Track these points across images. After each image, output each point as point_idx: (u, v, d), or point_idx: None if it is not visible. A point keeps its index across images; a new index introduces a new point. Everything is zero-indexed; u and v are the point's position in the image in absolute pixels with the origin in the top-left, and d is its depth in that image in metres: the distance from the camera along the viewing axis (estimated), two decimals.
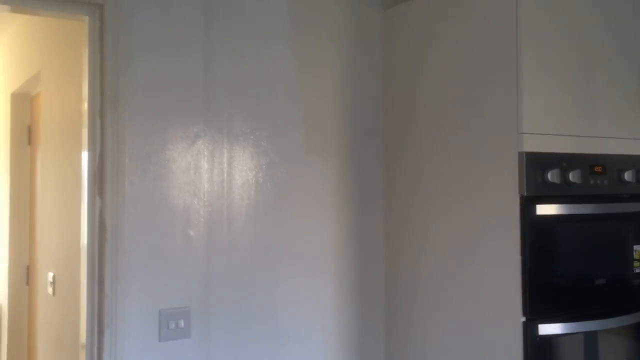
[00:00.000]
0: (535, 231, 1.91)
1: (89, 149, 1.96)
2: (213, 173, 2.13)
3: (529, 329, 1.87)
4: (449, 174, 2.14)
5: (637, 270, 2.15)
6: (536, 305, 1.89)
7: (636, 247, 2.15)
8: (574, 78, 2.03)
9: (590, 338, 2.05)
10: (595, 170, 2.05)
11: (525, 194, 1.90)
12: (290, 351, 2.24)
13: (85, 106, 2.00)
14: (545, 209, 1.93)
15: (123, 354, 1.90)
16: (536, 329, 1.88)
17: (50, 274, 2.66)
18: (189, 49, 2.09)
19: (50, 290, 2.64)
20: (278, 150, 2.25)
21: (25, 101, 3.61)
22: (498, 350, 1.95)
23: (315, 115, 2.33)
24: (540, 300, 1.91)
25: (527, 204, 1.91)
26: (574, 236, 2.02)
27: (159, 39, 2.03)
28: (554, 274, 1.97)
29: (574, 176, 1.97)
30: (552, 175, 1.93)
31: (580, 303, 2.02)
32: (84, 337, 1.92)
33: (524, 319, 1.88)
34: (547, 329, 1.89)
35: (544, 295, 1.92)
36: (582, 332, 2.01)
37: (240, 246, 2.16)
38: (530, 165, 1.90)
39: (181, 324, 1.99)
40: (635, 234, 2.15)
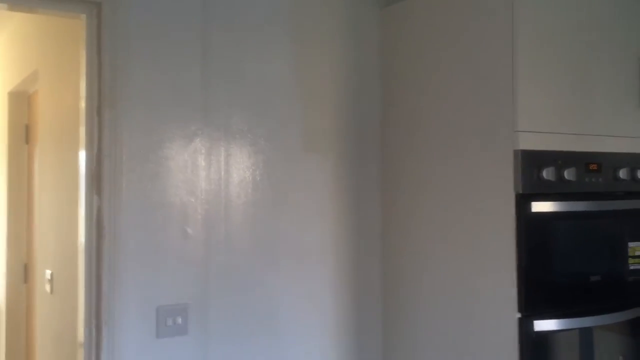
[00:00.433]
0: (530, 228, 1.92)
1: (86, 148, 1.97)
2: (210, 171, 2.14)
3: (525, 325, 1.89)
4: (446, 172, 2.16)
5: (632, 267, 2.16)
6: (532, 301, 1.90)
7: (631, 245, 2.16)
8: (570, 76, 2.04)
9: (585, 335, 2.07)
10: (590, 168, 2.06)
11: (520, 191, 1.91)
12: (288, 347, 2.25)
13: (82, 104, 2.01)
14: (540, 207, 1.94)
15: (121, 350, 1.91)
16: (532, 325, 1.89)
17: (48, 272, 2.67)
18: (187, 47, 2.10)
19: (48, 288, 2.65)
20: (275, 148, 2.26)
21: (23, 100, 3.61)
22: (494, 346, 1.96)
23: (312, 113, 2.34)
24: (535, 297, 1.92)
25: (523, 201, 1.92)
26: (569, 233, 2.04)
27: (157, 37, 2.04)
28: (550, 271, 1.98)
29: (569, 174, 1.98)
30: (548, 173, 1.95)
31: (575, 299, 2.03)
32: (82, 334, 1.93)
33: (519, 315, 1.89)
34: (543, 325, 1.91)
35: (539, 292, 1.94)
36: (578, 329, 2.03)
37: (238, 243, 2.17)
38: (526, 163, 1.92)
39: (179, 320, 2.00)
40: (630, 231, 2.17)
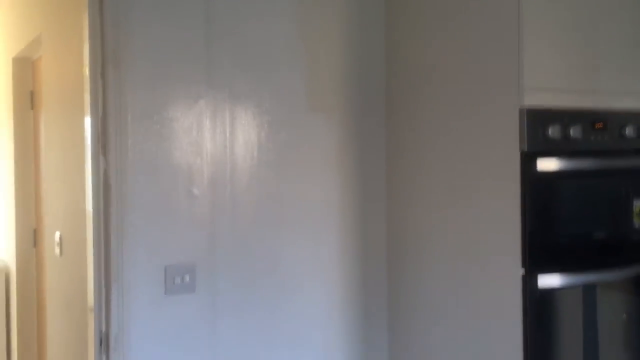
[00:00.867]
0: (535, 186, 1.92)
1: (91, 110, 1.98)
2: (215, 132, 2.14)
3: (528, 281, 1.90)
4: (450, 130, 2.15)
5: (637, 226, 2.17)
6: (536, 258, 1.91)
7: (637, 202, 2.16)
8: (577, 32, 2.02)
9: (589, 291, 2.09)
10: (596, 126, 2.05)
11: (525, 149, 1.91)
12: (294, 306, 2.28)
13: (86, 68, 2.01)
14: (545, 165, 1.94)
15: (131, 306, 1.95)
16: (535, 282, 1.91)
17: (57, 235, 2.70)
18: (191, 8, 2.08)
19: (58, 250, 2.69)
20: (280, 109, 2.26)
21: (27, 65, 3.61)
22: (498, 303, 1.99)
23: (316, 72, 2.33)
24: (539, 254, 1.93)
25: (528, 159, 1.92)
26: (574, 191, 2.04)
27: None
28: (554, 228, 1.99)
29: (575, 132, 1.97)
30: (553, 131, 1.94)
31: (580, 256, 2.05)
32: (91, 294, 1.97)
33: (522, 271, 1.91)
34: (546, 281, 1.92)
35: (543, 249, 1.95)
36: (582, 285, 2.05)
37: (244, 204, 2.19)
38: (531, 120, 1.91)
39: (186, 279, 2.04)
40: (635, 189, 2.17)
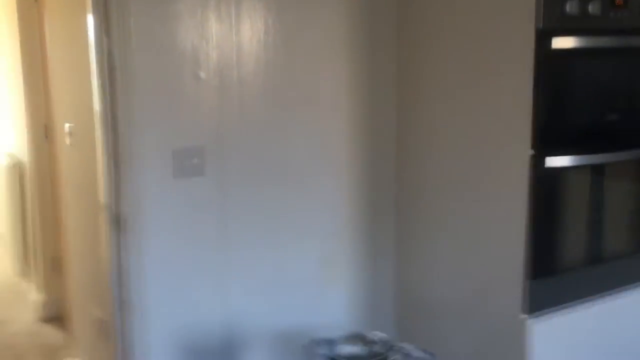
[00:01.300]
0: (549, 66, 1.87)
1: None
2: (221, 13, 2.08)
3: (536, 162, 1.90)
4: (461, 8, 2.07)
5: None
6: (545, 140, 1.90)
7: None
8: None
9: (597, 173, 2.08)
10: (616, 2, 1.96)
11: (541, 26, 1.84)
12: (302, 191, 2.30)
13: None
14: (561, 42, 1.88)
15: (140, 188, 1.97)
16: (543, 163, 1.90)
17: (67, 125, 2.71)
18: None
19: (68, 140, 2.71)
20: None
21: None
22: (505, 183, 2.00)
23: None
24: (550, 134, 1.91)
25: (543, 36, 1.85)
26: (589, 71, 1.99)
27: None
28: (566, 110, 1.96)
29: (593, 8, 1.90)
30: (571, 7, 1.86)
31: (590, 138, 2.03)
32: (101, 175, 1.99)
33: (531, 152, 1.90)
34: (554, 161, 1.91)
35: (554, 131, 1.93)
36: (590, 166, 2.04)
37: (251, 90, 2.16)
38: None
39: (195, 162, 2.05)
40: None
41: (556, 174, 1.96)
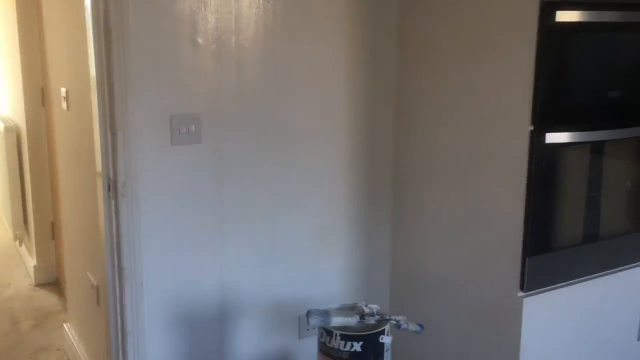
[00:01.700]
0: (552, 39, 1.84)
1: None
2: None
3: (536, 137, 1.88)
4: None
5: None
6: (545, 114, 1.87)
7: None
8: None
9: (597, 150, 2.06)
10: None
11: None
12: (300, 161, 2.29)
13: None
14: (564, 16, 1.84)
15: (136, 154, 1.95)
16: (543, 138, 1.88)
17: (63, 90, 2.67)
18: None
19: (65, 105, 2.67)
20: None
21: None
22: (505, 159, 1.98)
23: None
24: (550, 110, 1.89)
25: (547, 10, 1.82)
26: (592, 46, 1.95)
27: None
28: (568, 84, 1.94)
29: None
30: None
31: (591, 114, 2.00)
32: (97, 141, 1.97)
33: (531, 127, 1.88)
34: (554, 137, 1.89)
35: (555, 105, 1.90)
36: (590, 143, 2.02)
37: (250, 57, 2.13)
38: None
39: (192, 129, 2.02)
40: None
41: (556, 150, 1.95)
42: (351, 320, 1.85)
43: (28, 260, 3.93)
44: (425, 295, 2.37)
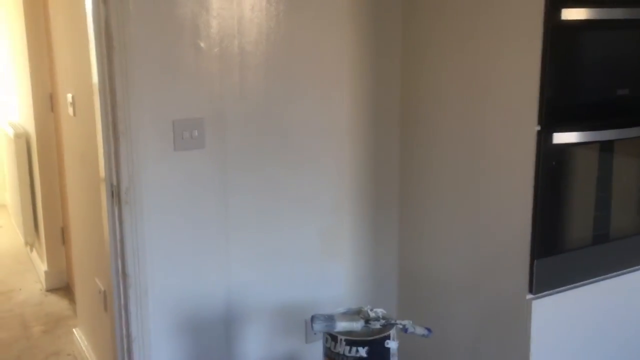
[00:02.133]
0: (559, 37, 1.81)
1: None
2: None
3: (543, 137, 1.85)
4: None
5: None
6: (552, 114, 1.84)
7: None
8: None
9: (606, 150, 2.03)
10: None
11: None
12: (304, 162, 2.27)
13: None
14: (571, 13, 1.81)
15: (140, 160, 1.95)
16: (550, 138, 1.85)
17: (69, 96, 2.68)
18: None
19: (71, 111, 2.68)
20: None
21: None
22: (511, 159, 1.95)
23: None
24: (557, 109, 1.86)
25: (552, 7, 1.79)
26: (599, 44, 1.92)
27: None
28: (576, 83, 1.91)
29: None
30: None
31: (600, 113, 1.97)
32: (100, 147, 1.97)
33: (538, 127, 1.85)
34: (562, 137, 1.86)
35: (562, 104, 1.87)
36: (599, 143, 1.98)
37: (252, 61, 2.12)
38: None
39: (195, 134, 2.02)
40: None
41: (564, 151, 1.91)
42: (356, 325, 1.82)
43: (39, 266, 3.94)
44: (434, 298, 2.34)
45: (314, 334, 2.23)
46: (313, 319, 1.81)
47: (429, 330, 1.94)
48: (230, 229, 2.16)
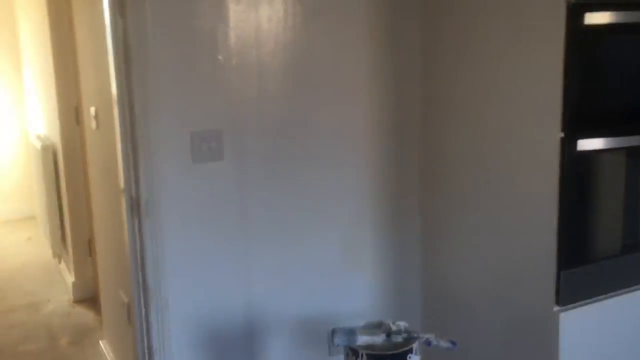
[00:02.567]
0: (581, 43, 1.77)
1: None
2: None
3: (567, 145, 1.80)
4: None
5: None
6: (577, 120, 1.80)
7: None
8: None
9: (633, 156, 1.96)
10: None
11: (573, 0, 1.73)
12: (324, 175, 2.25)
13: None
14: (594, 18, 1.76)
15: (159, 172, 1.95)
16: (574, 145, 1.80)
17: (92, 109, 2.71)
18: None
19: (94, 124, 2.71)
20: None
21: None
22: (535, 167, 1.90)
23: None
24: (582, 116, 1.81)
25: (575, 12, 1.74)
26: (624, 48, 1.86)
27: None
28: (600, 88, 1.85)
29: None
30: None
31: (625, 119, 1.91)
32: (120, 160, 1.98)
33: (562, 134, 1.80)
34: (586, 144, 1.81)
35: (586, 110, 1.82)
36: (625, 149, 1.92)
37: (270, 70, 2.11)
38: None
39: (213, 146, 2.01)
40: None
41: (589, 158, 1.86)
42: (377, 339, 1.79)
43: (67, 277, 3.99)
44: (459, 310, 2.29)
45: (337, 346, 2.20)
46: (333, 332, 1.78)
47: (453, 343, 1.90)
48: (251, 241, 2.15)
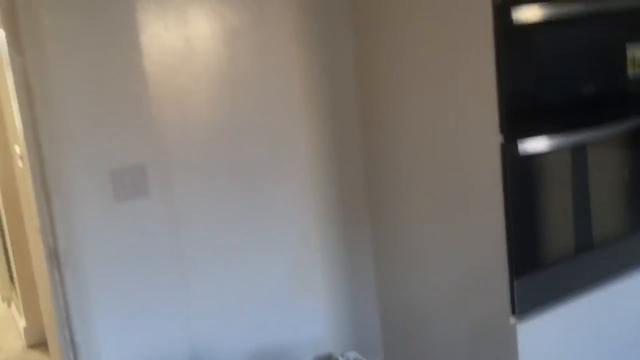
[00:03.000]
0: (512, 40, 1.67)
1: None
2: (154, 16, 1.89)
3: (507, 147, 1.70)
4: None
5: (631, 75, 1.92)
6: (515, 122, 1.70)
7: (630, 49, 1.90)
8: None
9: (579, 154, 1.88)
10: None
11: None
12: (263, 199, 2.12)
13: None
14: (522, 14, 1.67)
15: (78, 217, 1.80)
16: (515, 148, 1.71)
17: (17, 148, 2.55)
18: None
19: (20, 163, 2.55)
20: None
21: None
22: (476, 175, 1.81)
23: None
24: (520, 116, 1.72)
25: (501, 9, 1.65)
26: (556, 43, 1.78)
27: None
28: (536, 87, 1.77)
29: None
30: None
31: (567, 116, 1.82)
32: (34, 207, 1.83)
33: (501, 137, 1.70)
34: (528, 146, 1.72)
35: (524, 112, 1.73)
36: (570, 147, 1.84)
37: (195, 94, 1.98)
38: None
39: (137, 181, 1.87)
40: (628, 33, 1.89)
41: (532, 159, 1.77)
42: None
43: (19, 322, 3.80)
44: (419, 327, 2.19)
45: None
46: None
47: None
48: (189, 279, 2.01)
